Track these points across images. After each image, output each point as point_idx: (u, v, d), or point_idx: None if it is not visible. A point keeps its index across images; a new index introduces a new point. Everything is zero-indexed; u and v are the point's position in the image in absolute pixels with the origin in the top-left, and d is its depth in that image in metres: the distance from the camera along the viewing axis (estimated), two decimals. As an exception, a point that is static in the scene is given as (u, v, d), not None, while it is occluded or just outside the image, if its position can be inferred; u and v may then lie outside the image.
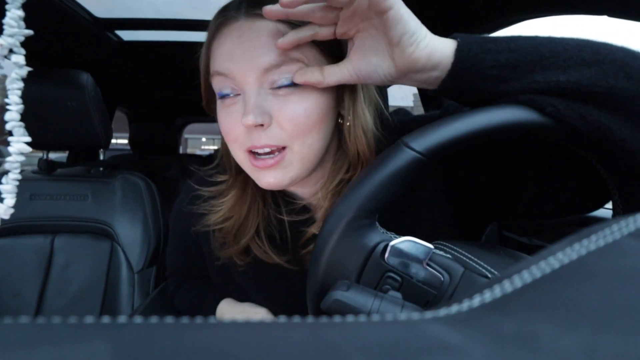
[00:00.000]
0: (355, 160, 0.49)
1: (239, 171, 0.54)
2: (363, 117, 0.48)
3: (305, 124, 0.44)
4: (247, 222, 0.55)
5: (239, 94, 0.45)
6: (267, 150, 0.44)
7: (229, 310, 0.59)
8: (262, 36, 0.42)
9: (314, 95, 0.44)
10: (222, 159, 0.57)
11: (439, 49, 0.36)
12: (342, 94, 0.47)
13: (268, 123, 0.43)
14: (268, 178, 0.45)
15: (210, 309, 0.62)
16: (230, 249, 0.55)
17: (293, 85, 0.43)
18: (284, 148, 0.44)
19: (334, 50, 0.45)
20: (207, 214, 0.57)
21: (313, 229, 0.52)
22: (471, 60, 0.36)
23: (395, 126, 0.52)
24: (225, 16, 0.45)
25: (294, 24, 0.42)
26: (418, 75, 0.38)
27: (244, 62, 0.42)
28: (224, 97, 0.46)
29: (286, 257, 0.54)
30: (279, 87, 0.43)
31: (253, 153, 0.45)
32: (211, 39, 0.46)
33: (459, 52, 0.36)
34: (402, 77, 0.39)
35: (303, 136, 0.44)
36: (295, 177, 0.46)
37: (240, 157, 0.47)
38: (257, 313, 0.56)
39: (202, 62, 0.50)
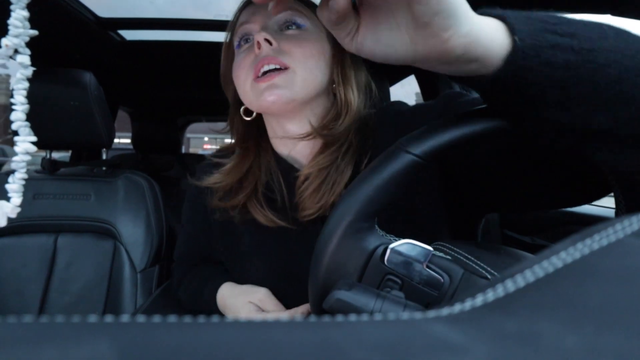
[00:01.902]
0: (341, 107, 0.55)
1: (244, 140, 0.62)
2: (351, 81, 0.55)
3: (309, 49, 0.51)
4: (245, 180, 0.60)
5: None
6: (272, 67, 0.50)
7: (229, 293, 0.60)
8: None
9: (316, 38, 0.53)
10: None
11: (483, 40, 0.26)
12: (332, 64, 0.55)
13: (276, 45, 0.50)
14: (271, 96, 0.50)
15: (211, 296, 0.63)
16: (231, 200, 0.59)
17: (298, 28, 0.53)
18: (287, 69, 0.50)
19: None
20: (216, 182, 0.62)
21: (305, 171, 0.55)
22: (520, 76, 0.27)
23: (388, 112, 0.57)
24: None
25: None
26: (443, 66, 0.29)
27: (257, 10, 0.53)
28: (241, 45, 0.55)
29: (287, 219, 0.56)
30: (287, 28, 0.53)
31: (259, 78, 0.50)
32: (235, 21, 0.57)
33: (509, 63, 0.26)
34: (421, 64, 0.29)
35: (306, 59, 0.51)
36: (296, 96, 0.51)
37: (247, 88, 0.52)
38: (256, 292, 0.57)
39: (224, 61, 0.60)
